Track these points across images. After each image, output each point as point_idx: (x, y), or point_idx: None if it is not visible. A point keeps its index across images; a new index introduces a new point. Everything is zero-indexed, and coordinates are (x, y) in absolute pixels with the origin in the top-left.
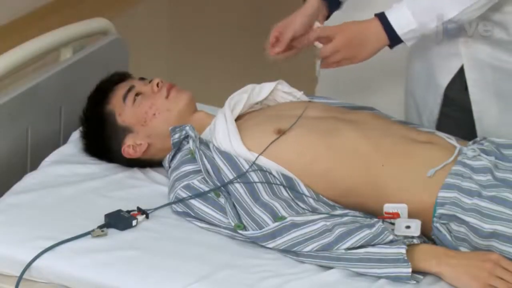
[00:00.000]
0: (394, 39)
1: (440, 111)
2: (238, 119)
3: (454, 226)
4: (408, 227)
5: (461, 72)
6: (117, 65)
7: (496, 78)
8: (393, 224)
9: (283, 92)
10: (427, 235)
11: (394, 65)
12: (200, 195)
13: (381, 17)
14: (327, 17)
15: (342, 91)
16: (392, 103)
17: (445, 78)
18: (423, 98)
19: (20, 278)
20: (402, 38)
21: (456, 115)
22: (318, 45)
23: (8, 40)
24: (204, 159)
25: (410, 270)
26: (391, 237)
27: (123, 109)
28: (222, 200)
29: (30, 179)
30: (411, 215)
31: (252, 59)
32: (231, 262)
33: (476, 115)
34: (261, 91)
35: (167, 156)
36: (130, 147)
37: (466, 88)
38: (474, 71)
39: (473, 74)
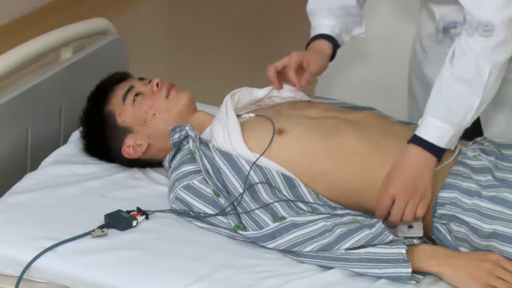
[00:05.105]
0: (438, 154)
1: None
2: (237, 118)
3: (454, 226)
4: (410, 226)
5: None
6: (117, 65)
7: (500, 87)
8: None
9: (279, 95)
10: (427, 235)
11: (395, 66)
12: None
13: (419, 142)
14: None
15: (342, 91)
16: (393, 104)
17: None
18: (423, 99)
19: (20, 278)
20: (446, 147)
21: None
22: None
23: (8, 40)
24: (204, 159)
25: (410, 270)
26: (391, 237)
27: (123, 109)
28: (222, 200)
29: (30, 179)
30: None
31: (252, 59)
32: (231, 262)
33: (483, 123)
34: (258, 91)
35: (167, 156)
36: (130, 147)
37: None
38: None
39: None
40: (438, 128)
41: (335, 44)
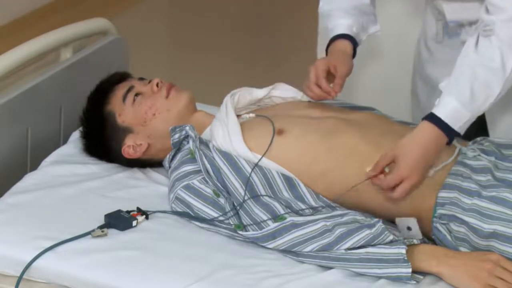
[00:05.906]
0: (450, 135)
1: None
2: (237, 118)
3: (454, 226)
4: (409, 228)
5: None
6: (117, 65)
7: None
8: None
9: (279, 95)
10: (427, 235)
11: (402, 65)
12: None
13: (433, 119)
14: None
15: (348, 90)
16: (398, 103)
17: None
18: (426, 100)
19: (20, 278)
20: (459, 131)
21: None
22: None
23: (8, 40)
24: (204, 159)
25: (410, 270)
26: (391, 237)
27: (123, 109)
28: (222, 200)
29: (30, 179)
30: (411, 216)
31: (252, 59)
32: (231, 262)
33: (489, 125)
34: (258, 91)
35: (167, 156)
36: (130, 147)
37: None
38: None
39: None
40: (455, 109)
41: (354, 43)
